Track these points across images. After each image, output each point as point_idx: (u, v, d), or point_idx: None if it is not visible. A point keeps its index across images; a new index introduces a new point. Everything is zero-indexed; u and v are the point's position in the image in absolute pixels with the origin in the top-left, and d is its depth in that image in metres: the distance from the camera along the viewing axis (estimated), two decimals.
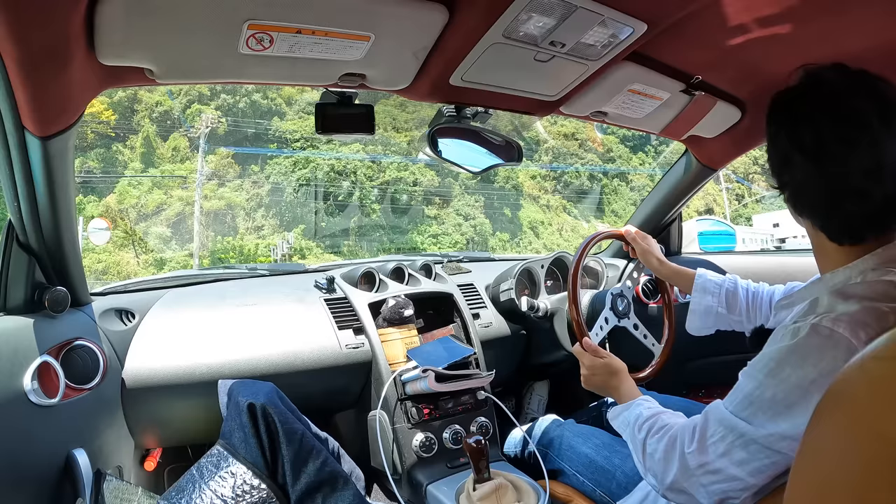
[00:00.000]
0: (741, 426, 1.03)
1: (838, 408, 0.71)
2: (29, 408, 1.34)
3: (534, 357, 2.43)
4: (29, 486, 1.35)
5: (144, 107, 30.74)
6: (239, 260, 27.73)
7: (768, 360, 1.03)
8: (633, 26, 1.28)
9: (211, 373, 1.77)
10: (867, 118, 0.97)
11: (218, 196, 30.09)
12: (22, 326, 1.42)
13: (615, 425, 1.39)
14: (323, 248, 30.16)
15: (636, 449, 1.26)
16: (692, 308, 1.73)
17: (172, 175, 30.07)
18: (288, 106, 32.64)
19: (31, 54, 0.97)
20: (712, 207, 38.44)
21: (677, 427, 1.18)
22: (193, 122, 30.63)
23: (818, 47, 1.44)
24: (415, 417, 1.87)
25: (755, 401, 1.03)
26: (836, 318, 0.96)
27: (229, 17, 1.06)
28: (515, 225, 34.69)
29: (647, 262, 1.85)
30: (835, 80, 1.03)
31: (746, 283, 1.70)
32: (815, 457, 0.74)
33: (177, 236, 28.88)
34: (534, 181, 36.71)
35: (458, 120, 1.64)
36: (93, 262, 25.73)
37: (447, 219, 32.93)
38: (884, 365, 0.65)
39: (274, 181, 30.90)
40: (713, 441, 1.07)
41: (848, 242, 1.06)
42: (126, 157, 30.09)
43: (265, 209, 30.61)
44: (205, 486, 1.36)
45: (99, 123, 29.29)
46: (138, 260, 27.55)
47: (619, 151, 39.06)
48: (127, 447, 1.76)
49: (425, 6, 1.17)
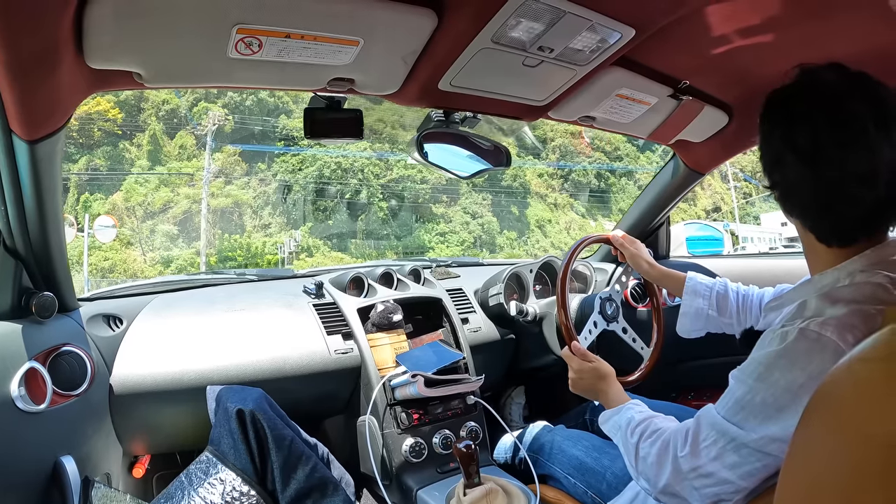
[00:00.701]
0: (733, 430, 1.04)
1: (826, 409, 0.71)
2: (16, 414, 1.33)
3: (523, 362, 2.43)
4: (16, 494, 1.34)
5: (151, 105, 30.84)
6: (246, 257, 27.85)
7: (758, 365, 1.04)
8: (620, 31, 1.28)
9: (199, 379, 1.76)
10: (864, 122, 0.96)
11: (225, 194, 30.18)
12: (8, 332, 1.41)
13: (605, 429, 1.39)
14: (330, 246, 30.29)
15: (628, 453, 1.27)
16: (683, 311, 1.73)
17: (179, 173, 30.21)
18: (295, 104, 32.62)
19: (20, 57, 0.96)
20: (720, 206, 38.61)
21: (670, 431, 1.19)
22: (200, 119, 30.76)
23: (805, 52, 1.44)
24: (404, 422, 1.87)
25: (746, 405, 1.04)
26: (824, 322, 0.97)
27: (218, 22, 1.06)
28: (523, 223, 34.91)
29: (636, 266, 1.86)
30: (833, 81, 1.03)
31: (737, 285, 1.71)
32: (803, 458, 0.74)
33: (183, 234, 28.94)
34: (541, 179, 36.87)
35: (447, 125, 1.64)
36: (99, 260, 25.86)
37: (455, 217, 33.12)
38: (870, 366, 0.66)
39: (281, 179, 30.99)
40: (706, 445, 1.08)
41: (837, 244, 1.06)
42: (133, 154, 30.21)
43: (272, 207, 30.70)
44: (194, 493, 1.36)
45: (106, 121, 29.42)
46: (145, 258, 27.61)
47: (627, 150, 39.22)
48: (115, 454, 1.75)
49: (414, 11, 1.17)
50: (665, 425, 1.24)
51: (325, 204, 31.17)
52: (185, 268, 26.64)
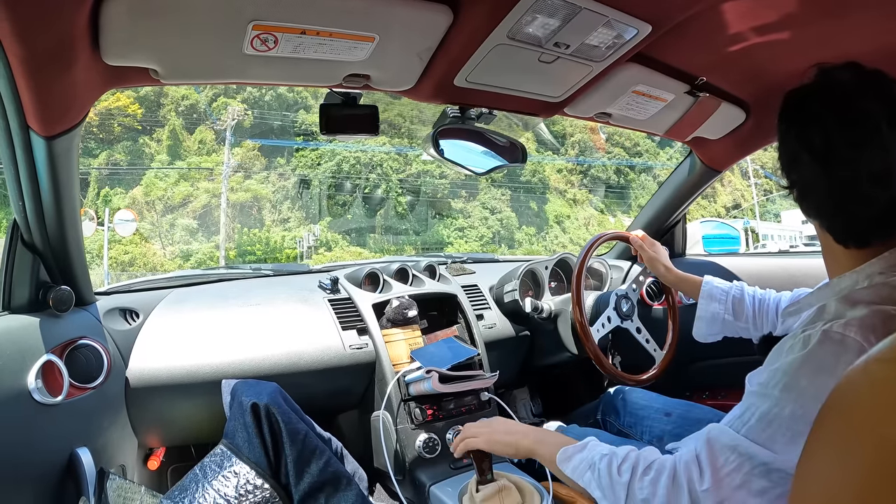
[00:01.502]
0: (761, 454, 0.95)
1: (841, 411, 0.70)
2: (33, 406, 1.34)
3: (537, 358, 2.43)
4: (32, 485, 1.35)
5: (171, 100, 31.12)
6: (265, 252, 28.03)
7: (782, 375, 0.98)
8: (637, 27, 1.27)
9: (215, 373, 1.77)
10: (877, 122, 0.95)
11: (244, 188, 30.39)
12: (26, 325, 1.42)
13: (567, 470, 1.19)
14: (349, 240, 30.39)
15: (617, 493, 1.08)
16: (699, 314, 1.73)
17: (199, 167, 30.41)
18: (314, 99, 32.68)
19: (36, 54, 0.97)
20: (740, 203, 38.36)
21: (671, 462, 1.05)
22: (220, 114, 30.97)
23: (821, 49, 1.44)
24: (418, 418, 1.87)
25: (773, 420, 0.96)
26: (847, 324, 0.95)
27: (234, 18, 1.06)
28: (542, 219, 34.89)
29: (653, 269, 1.86)
30: (847, 80, 1.01)
31: (753, 289, 1.70)
32: (817, 462, 0.74)
33: (203, 228, 29.18)
34: (560, 175, 36.78)
35: (463, 121, 1.64)
36: (119, 254, 26.15)
37: (473, 212, 33.14)
38: (888, 367, 0.65)
39: (300, 174, 31.16)
40: (727, 472, 0.97)
41: (853, 245, 1.04)
42: (153, 149, 30.50)
43: (291, 202, 30.85)
44: (208, 486, 1.36)
45: (126, 117, 29.70)
46: (164, 251, 27.87)
47: (646, 146, 39.07)
48: (130, 446, 1.77)
49: (429, 7, 1.17)
50: (653, 456, 1.10)
51: (344, 199, 31.27)
52: (205, 262, 26.79)
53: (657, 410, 1.82)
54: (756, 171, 37.88)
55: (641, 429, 1.83)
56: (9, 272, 1.44)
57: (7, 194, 1.37)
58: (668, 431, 1.75)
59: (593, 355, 1.89)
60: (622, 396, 1.95)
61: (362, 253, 28.16)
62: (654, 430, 1.78)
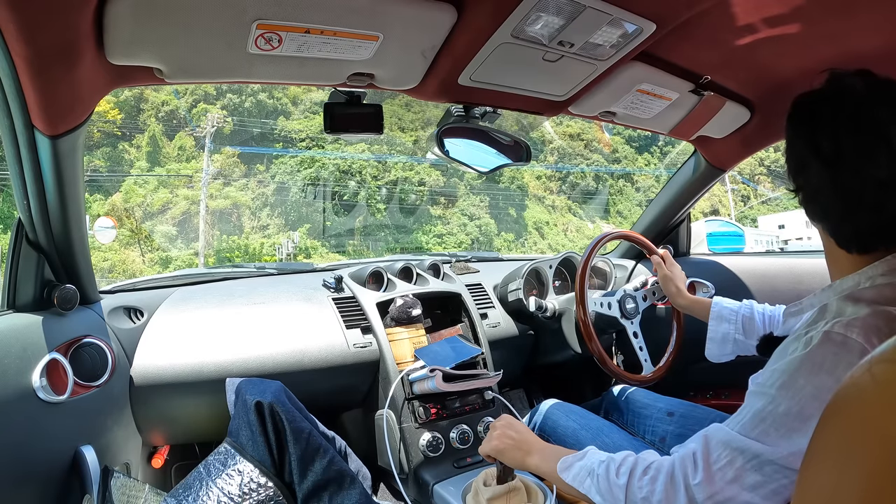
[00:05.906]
0: (753, 447, 0.97)
1: (845, 412, 0.70)
2: (37, 404, 1.34)
3: (541, 357, 2.43)
4: (37, 483, 1.36)
5: (151, 106, 31.12)
6: (244, 259, 27.94)
7: (780, 374, 0.99)
8: (641, 26, 1.27)
9: (219, 371, 1.77)
10: (886, 129, 0.94)
11: (223, 195, 30.41)
12: (31, 324, 1.42)
13: (568, 478, 1.20)
14: (328, 247, 30.41)
15: (616, 496, 1.10)
16: (710, 336, 1.73)
17: (178, 174, 30.44)
18: (294, 106, 32.88)
19: (41, 54, 0.97)
20: (718, 209, 38.50)
21: (669, 461, 1.07)
22: (199, 121, 30.99)
23: (826, 48, 1.43)
24: (422, 417, 1.88)
25: (767, 417, 0.97)
26: (848, 324, 0.94)
27: (238, 17, 1.06)
28: (520, 225, 34.90)
29: (665, 288, 1.87)
30: (859, 88, 1.01)
31: (763, 307, 1.70)
32: (820, 464, 0.73)
33: (182, 235, 29.17)
34: (539, 181, 36.90)
35: (467, 120, 1.64)
36: (99, 261, 26.01)
37: (452, 219, 33.16)
38: (893, 368, 0.65)
39: (279, 180, 31.16)
40: (719, 467, 0.99)
41: (857, 251, 1.04)
42: (132, 155, 30.50)
43: (270, 208, 30.87)
44: (212, 484, 1.36)
45: (105, 122, 29.68)
46: (144, 258, 27.84)
47: (625, 152, 39.21)
48: (135, 444, 1.77)
49: (434, 6, 1.17)
50: (651, 458, 1.11)
51: (324, 205, 31.36)
52: (184, 269, 26.79)
53: (660, 410, 1.82)
54: (733, 178, 38.09)
55: (644, 428, 1.83)
56: (13, 271, 1.44)
57: (12, 193, 1.37)
58: (670, 431, 1.75)
59: (597, 354, 1.89)
60: (625, 395, 1.95)
61: (340, 260, 28.24)
62: (657, 430, 1.78)
